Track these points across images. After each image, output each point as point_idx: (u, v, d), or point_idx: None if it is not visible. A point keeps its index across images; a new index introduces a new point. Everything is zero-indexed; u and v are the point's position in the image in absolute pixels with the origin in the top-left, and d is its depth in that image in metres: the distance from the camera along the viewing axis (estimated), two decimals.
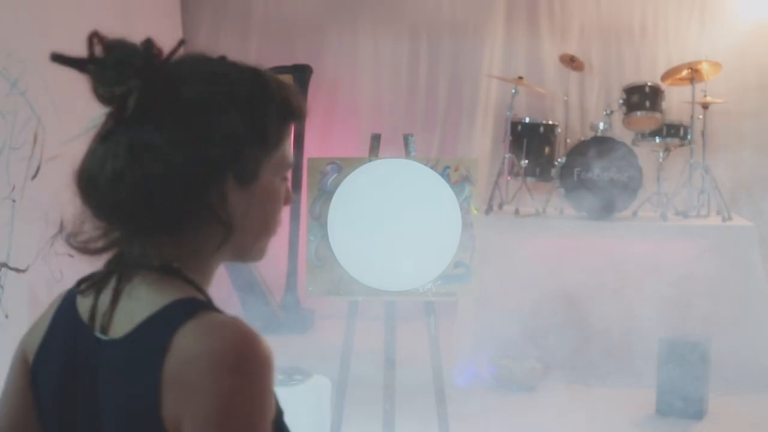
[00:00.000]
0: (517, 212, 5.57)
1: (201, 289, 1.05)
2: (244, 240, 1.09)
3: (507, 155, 5.66)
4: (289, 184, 1.16)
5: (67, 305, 1.12)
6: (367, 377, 4.01)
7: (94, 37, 1.01)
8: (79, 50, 1.06)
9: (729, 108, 5.99)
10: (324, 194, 3.18)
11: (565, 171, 5.46)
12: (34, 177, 3.83)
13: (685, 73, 5.62)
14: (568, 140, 5.87)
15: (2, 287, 3.54)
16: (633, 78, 5.97)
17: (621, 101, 5.67)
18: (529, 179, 5.70)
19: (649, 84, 5.63)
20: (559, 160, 5.59)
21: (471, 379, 4.96)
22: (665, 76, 5.72)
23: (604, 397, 4.69)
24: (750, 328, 4.98)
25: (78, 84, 1.11)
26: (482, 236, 3.28)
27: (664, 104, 5.64)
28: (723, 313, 4.95)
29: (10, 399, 1.14)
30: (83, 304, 1.08)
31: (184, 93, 1.03)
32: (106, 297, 1.05)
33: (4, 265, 3.59)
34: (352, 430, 3.61)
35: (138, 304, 1.01)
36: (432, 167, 3.21)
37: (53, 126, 3.99)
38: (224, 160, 1.03)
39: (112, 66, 1.00)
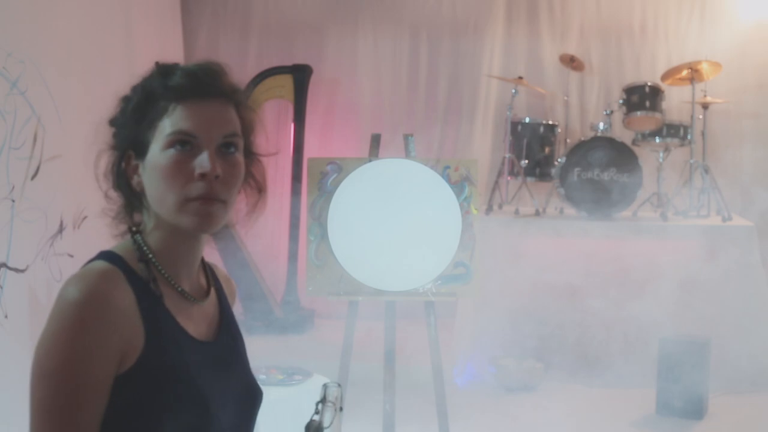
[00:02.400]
0: (517, 212, 5.57)
1: (142, 247, 1.28)
2: (156, 209, 1.27)
3: (507, 155, 5.66)
4: (209, 160, 1.24)
5: None
6: (367, 377, 4.01)
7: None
8: (79, 50, 1.12)
9: (729, 108, 6.00)
10: (324, 194, 3.18)
11: (565, 171, 5.46)
12: (34, 177, 3.83)
13: (685, 73, 5.62)
14: (568, 140, 5.87)
15: (2, 287, 3.54)
16: (633, 78, 5.98)
17: (621, 101, 5.67)
18: (529, 179, 5.70)
19: (649, 84, 5.63)
20: (559, 160, 5.59)
21: (471, 379, 4.96)
22: (665, 76, 5.72)
23: (604, 397, 4.69)
24: (750, 328, 4.98)
25: (78, 84, 1.17)
26: (482, 236, 3.28)
27: (664, 104, 5.64)
28: (723, 313, 4.95)
29: None
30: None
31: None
32: None
33: (4, 265, 3.59)
34: (352, 430, 3.61)
35: None
36: (432, 167, 3.21)
37: (53, 126, 3.99)
38: (119, 139, 1.31)
39: None
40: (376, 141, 3.32)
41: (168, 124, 1.24)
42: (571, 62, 5.85)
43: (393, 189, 3.19)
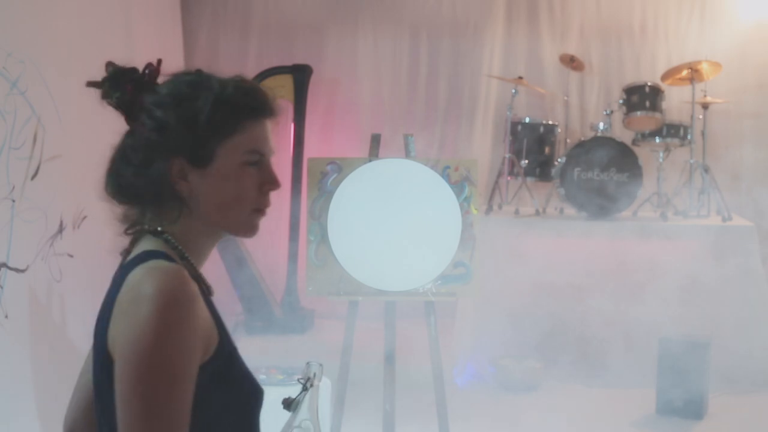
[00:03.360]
0: (517, 212, 5.57)
1: (177, 249, 1.32)
2: (208, 214, 1.34)
3: (507, 155, 5.66)
4: (272, 173, 1.39)
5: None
6: (367, 377, 4.01)
7: (107, 64, 1.35)
8: (79, 50, 1.16)
9: (729, 108, 6.00)
10: (324, 194, 3.18)
11: (565, 171, 5.46)
12: (34, 177, 3.83)
13: (685, 73, 5.62)
14: (568, 140, 5.87)
15: (2, 287, 3.54)
16: (633, 78, 5.98)
17: (621, 101, 5.67)
18: (529, 179, 5.70)
19: (649, 84, 5.63)
20: (559, 160, 5.59)
21: (471, 379, 4.96)
22: (665, 76, 5.72)
23: (604, 397, 4.69)
24: (750, 328, 4.98)
25: (77, 84, 1.18)
26: (482, 236, 3.28)
27: (664, 104, 5.64)
28: (723, 313, 4.96)
29: (90, 351, 1.42)
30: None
31: (148, 99, 1.32)
32: (124, 256, 1.35)
33: (4, 265, 3.59)
34: (352, 430, 3.61)
35: (131, 256, 1.31)
36: (432, 167, 3.21)
37: (53, 126, 3.99)
38: (164, 146, 1.30)
39: (111, 82, 1.33)
40: (376, 141, 3.32)
41: (244, 141, 1.35)
42: (571, 62, 5.85)
43: (393, 189, 3.19)
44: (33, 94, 3.80)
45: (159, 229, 1.33)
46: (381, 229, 3.16)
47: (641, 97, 5.60)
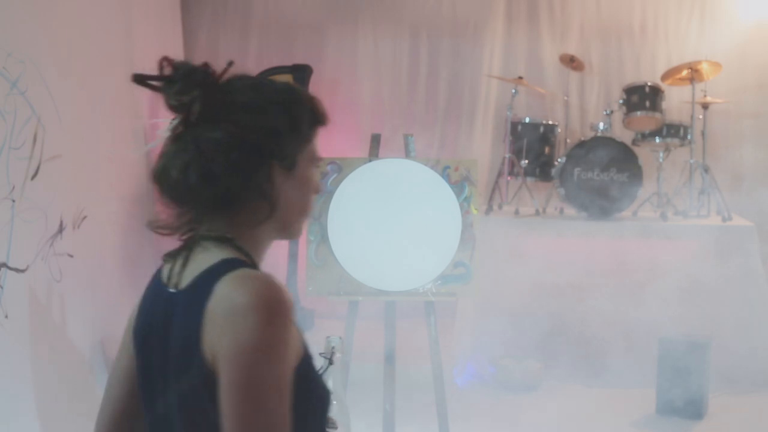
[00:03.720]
0: (517, 212, 5.57)
1: (249, 255, 1.33)
2: (286, 217, 1.37)
3: (507, 155, 5.66)
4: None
5: (154, 277, 1.40)
6: (367, 377, 4.01)
7: (163, 60, 1.32)
8: (79, 50, 1.14)
9: (729, 108, 6.00)
10: (324, 194, 3.18)
11: (565, 171, 5.46)
12: (34, 177, 3.83)
13: (685, 73, 5.62)
14: (568, 140, 5.87)
15: (2, 287, 3.54)
16: (633, 78, 5.98)
17: (621, 101, 5.67)
18: (529, 179, 5.70)
19: (649, 84, 5.63)
20: (559, 160, 5.59)
21: (471, 379, 4.96)
22: (665, 76, 5.72)
23: (604, 397, 4.69)
24: (750, 328, 4.98)
25: (78, 84, 1.17)
26: (482, 236, 3.29)
27: (664, 104, 5.64)
28: (723, 313, 4.95)
29: (121, 352, 1.43)
30: (165, 270, 1.37)
31: (236, 99, 1.31)
32: (178, 262, 1.34)
33: (4, 265, 3.59)
34: (352, 429, 3.61)
35: (197, 263, 1.29)
36: (432, 167, 3.21)
37: (53, 126, 3.99)
38: (269, 149, 1.31)
39: (179, 80, 1.30)
40: (376, 141, 3.32)
41: (313, 148, 1.41)
42: (571, 62, 5.85)
43: (393, 189, 3.19)
44: (33, 94, 3.80)
45: (228, 236, 1.32)
46: (381, 229, 3.16)
47: (641, 97, 5.60)
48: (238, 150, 1.28)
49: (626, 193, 5.39)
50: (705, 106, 5.68)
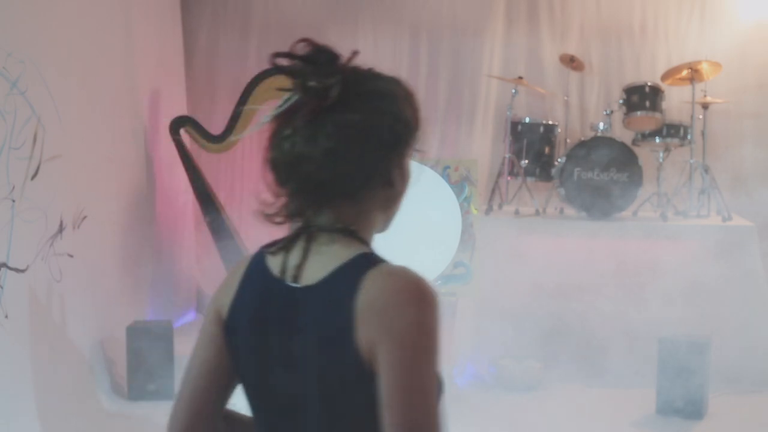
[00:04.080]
0: (517, 212, 5.57)
1: (371, 248, 1.33)
2: (396, 207, 1.38)
3: (507, 155, 5.66)
4: None
5: (255, 265, 1.36)
6: None
7: (303, 41, 1.32)
8: (79, 50, 1.11)
9: (729, 108, 6.00)
10: None
11: (565, 171, 5.46)
12: (34, 177, 3.83)
13: (685, 73, 5.62)
14: (568, 140, 5.87)
15: (2, 287, 3.54)
16: (633, 78, 5.98)
17: (621, 101, 5.67)
18: (529, 179, 5.70)
19: (649, 84, 5.63)
20: (559, 160, 5.59)
21: (471, 379, 4.96)
22: (665, 76, 5.72)
23: (604, 397, 4.69)
24: (750, 328, 4.98)
25: (78, 84, 1.15)
26: (482, 236, 3.29)
27: (664, 104, 5.64)
28: (723, 313, 4.95)
29: (206, 344, 1.38)
30: (273, 262, 1.34)
31: (369, 85, 1.32)
32: (295, 255, 1.31)
33: (4, 265, 3.59)
34: None
35: (327, 257, 1.27)
36: (432, 167, 3.21)
37: (53, 126, 3.99)
38: (401, 136, 1.31)
39: (323, 63, 1.30)
40: None
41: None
42: (571, 62, 5.85)
43: None
44: (33, 94, 3.81)
45: (352, 228, 1.32)
46: None
47: (641, 97, 5.60)
48: (377, 135, 1.28)
49: (626, 193, 5.39)
50: (705, 106, 5.68)
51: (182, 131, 5.48)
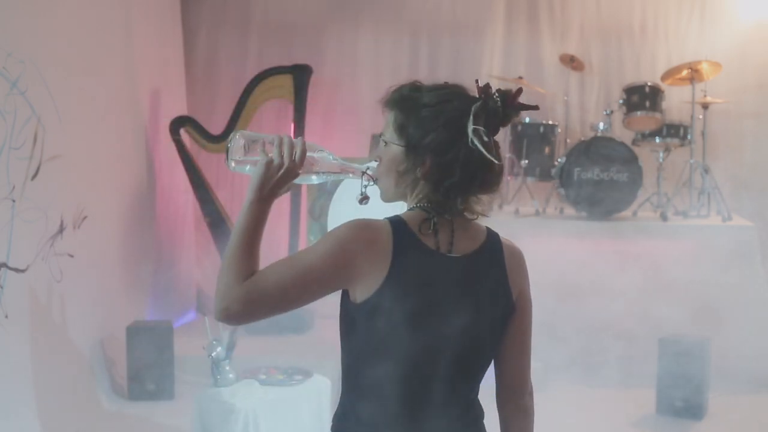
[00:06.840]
0: (517, 212, 5.57)
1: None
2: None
3: (507, 155, 5.66)
4: None
5: (407, 241, 1.63)
6: None
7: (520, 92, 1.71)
8: (79, 50, 1.10)
9: (729, 108, 6.00)
10: (324, 194, 3.18)
11: (565, 171, 5.46)
12: (34, 177, 3.83)
13: (685, 73, 5.62)
14: (568, 140, 5.87)
15: (2, 287, 3.54)
16: (633, 78, 5.98)
17: (621, 101, 5.67)
18: (529, 179, 5.71)
19: (649, 84, 5.64)
20: (559, 160, 5.59)
21: None
22: (665, 76, 5.72)
23: (604, 397, 4.69)
24: (750, 328, 4.98)
25: (78, 84, 1.15)
26: None
27: (664, 104, 5.64)
28: (723, 313, 4.95)
29: (332, 271, 1.72)
30: (426, 238, 1.63)
31: None
32: (444, 233, 1.65)
33: (4, 265, 3.59)
34: None
35: (473, 233, 1.69)
36: None
37: (53, 126, 3.99)
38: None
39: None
40: (376, 141, 3.32)
41: None
42: (571, 62, 5.86)
43: None
44: (33, 94, 3.81)
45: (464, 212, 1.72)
46: None
47: (641, 97, 5.60)
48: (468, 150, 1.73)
49: (626, 193, 5.39)
50: (705, 106, 5.69)
51: (182, 131, 5.48)
